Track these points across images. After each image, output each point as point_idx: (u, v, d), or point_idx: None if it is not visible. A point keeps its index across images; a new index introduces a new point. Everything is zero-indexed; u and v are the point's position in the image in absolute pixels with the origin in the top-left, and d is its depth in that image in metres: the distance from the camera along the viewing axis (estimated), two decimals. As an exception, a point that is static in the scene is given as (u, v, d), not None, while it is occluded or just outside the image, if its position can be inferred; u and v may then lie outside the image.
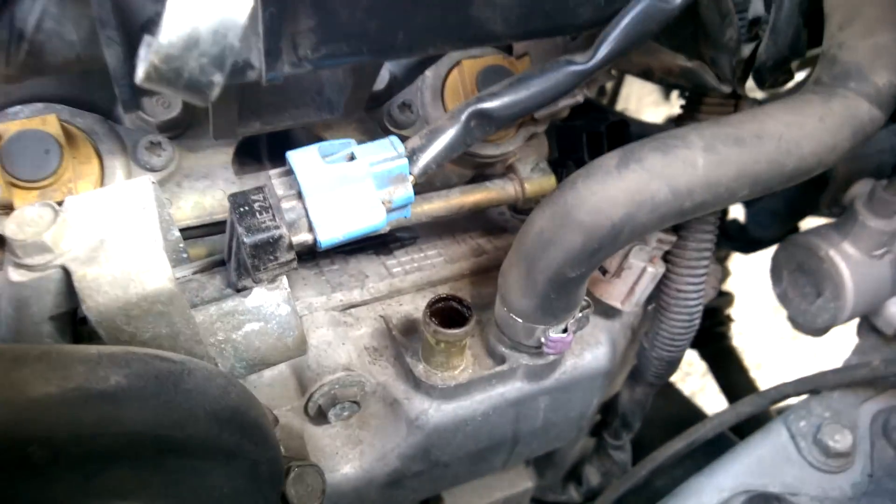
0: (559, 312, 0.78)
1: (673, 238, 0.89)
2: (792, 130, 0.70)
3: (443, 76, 0.84)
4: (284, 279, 0.66)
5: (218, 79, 0.43)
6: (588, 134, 1.00)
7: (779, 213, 1.45)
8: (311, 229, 0.61)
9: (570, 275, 0.72)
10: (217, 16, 0.42)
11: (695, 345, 2.02)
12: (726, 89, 0.80)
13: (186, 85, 0.43)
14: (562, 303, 0.77)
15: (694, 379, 2.96)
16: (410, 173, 0.66)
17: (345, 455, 0.84)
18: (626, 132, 1.01)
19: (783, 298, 1.12)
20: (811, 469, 1.03)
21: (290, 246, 0.62)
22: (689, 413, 1.74)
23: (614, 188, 0.68)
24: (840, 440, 1.02)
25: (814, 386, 1.09)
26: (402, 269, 0.94)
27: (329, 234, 0.61)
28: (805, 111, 0.72)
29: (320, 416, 0.81)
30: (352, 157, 0.63)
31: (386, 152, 0.63)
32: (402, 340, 0.83)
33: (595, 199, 0.68)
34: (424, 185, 0.89)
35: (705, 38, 0.77)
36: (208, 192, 0.81)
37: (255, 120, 0.77)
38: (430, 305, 0.78)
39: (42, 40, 0.52)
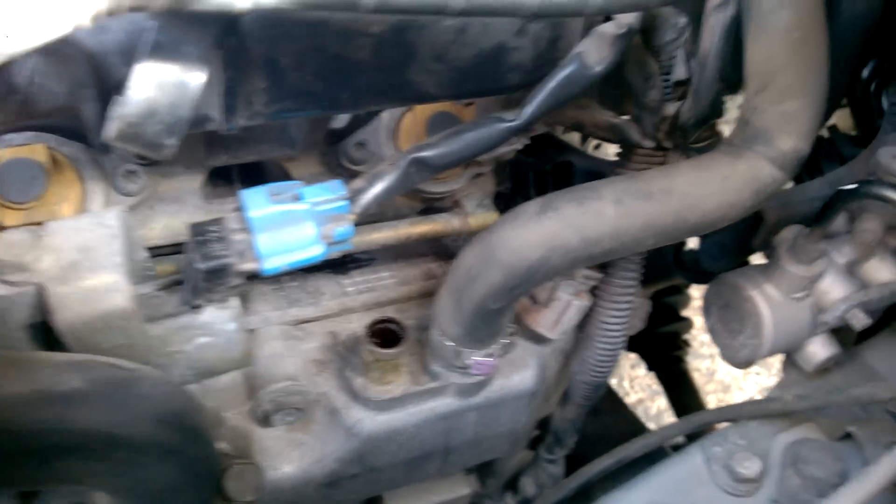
0: (485, 338, 0.87)
1: (599, 275, 0.98)
2: (697, 188, 0.79)
3: (397, 118, 0.93)
4: (235, 299, 0.75)
5: (172, 142, 0.52)
6: (535, 172, 1.09)
7: (728, 247, 1.54)
8: (256, 259, 0.70)
9: (492, 307, 0.81)
10: (173, 92, 0.51)
11: (653, 367, 2.12)
12: (649, 144, 0.89)
13: (144, 145, 0.52)
14: (486, 330, 0.86)
15: (663, 399, 3.06)
16: (352, 212, 0.75)
17: (287, 456, 0.93)
18: (571, 171, 1.10)
19: (712, 332, 1.21)
20: (720, 492, 1.12)
21: (238, 273, 0.71)
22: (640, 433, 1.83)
23: (532, 233, 0.77)
24: (749, 467, 1.10)
25: (733, 415, 1.18)
26: (356, 288, 1.03)
27: (272, 264, 0.70)
28: (711, 170, 0.80)
29: (266, 420, 0.90)
30: (298, 197, 0.71)
31: (328, 194, 0.72)
32: (344, 355, 0.92)
33: (515, 242, 0.77)
34: (377, 215, 0.98)
35: (630, 97, 0.86)
36: (177, 215, 0.89)
37: (222, 153, 0.86)
38: (370, 326, 0.87)
39: (33, 93, 0.61)
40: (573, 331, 1.08)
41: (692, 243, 1.68)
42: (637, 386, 3.10)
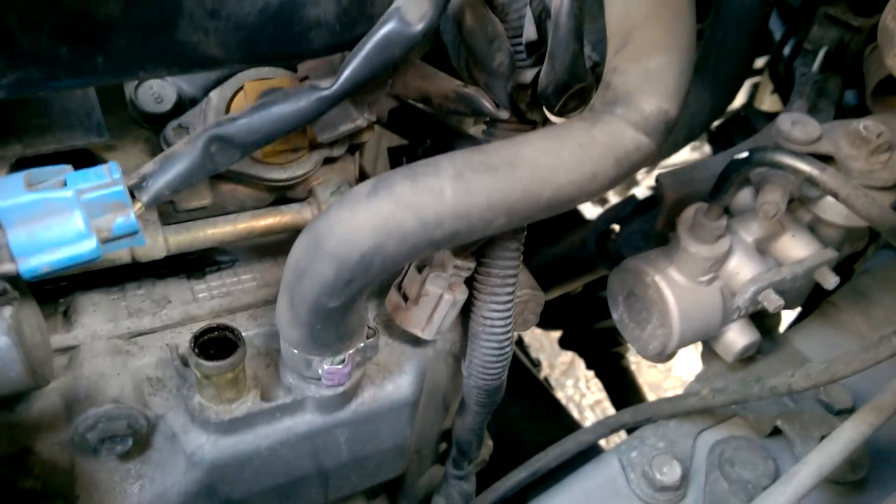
0: (332, 343, 0.76)
1: (471, 265, 0.87)
2: (548, 158, 0.69)
3: (227, 98, 0.82)
4: (7, 310, 0.64)
5: None
6: (408, 157, 0.99)
7: (651, 234, 1.45)
8: (12, 259, 0.59)
9: (329, 305, 0.71)
10: None
11: (591, 366, 2.02)
12: (504, 115, 0.79)
13: None
14: (331, 333, 0.75)
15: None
16: (138, 200, 0.64)
17: (122, 491, 0.81)
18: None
19: (621, 324, 1.11)
20: (639, 502, 1.02)
21: (-5, 277, 0.60)
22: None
23: (362, 217, 0.66)
24: (668, 472, 1.00)
25: (649, 415, 1.08)
26: (209, 294, 0.92)
27: (30, 263, 0.59)
28: (565, 138, 0.71)
29: (93, 451, 0.78)
30: (64, 184, 0.60)
31: (101, 179, 0.61)
32: (182, 371, 0.81)
33: (344, 228, 0.67)
34: (214, 208, 0.87)
35: (475, 63, 0.76)
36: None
37: (14, 143, 0.75)
38: (198, 336, 0.75)
39: None
40: (458, 330, 0.97)
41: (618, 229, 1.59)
42: (594, 387, 2.98)
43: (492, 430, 1.80)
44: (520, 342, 2.31)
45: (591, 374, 3.03)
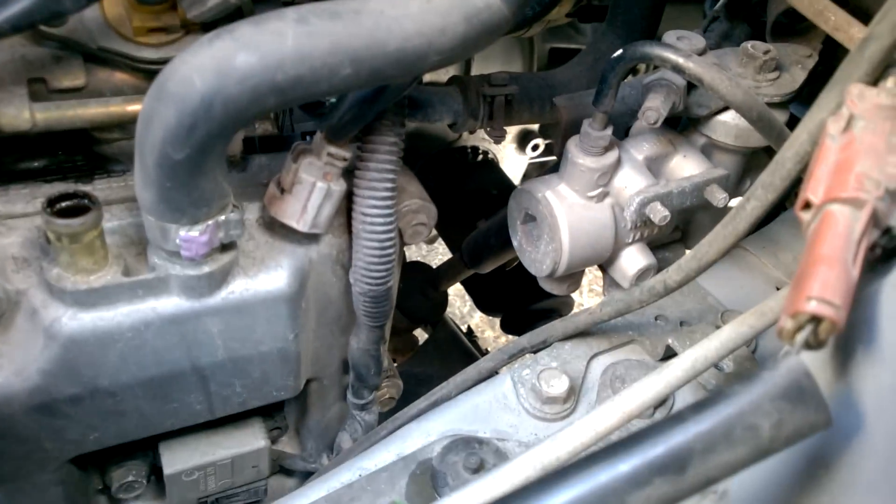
0: (186, 207, 0.76)
1: (346, 154, 0.88)
2: (395, 9, 0.71)
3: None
4: None
5: None
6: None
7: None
8: None
9: (175, 156, 0.71)
10: None
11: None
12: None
13: None
14: (182, 194, 0.75)
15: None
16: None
17: (-21, 369, 0.80)
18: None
19: (520, 250, 1.11)
20: (527, 416, 1.00)
21: None
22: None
23: (202, 57, 0.68)
24: (555, 385, 0.99)
25: (545, 337, 1.07)
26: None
27: None
28: None
29: (-55, 323, 0.78)
30: None
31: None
32: (46, 247, 0.81)
33: (184, 69, 0.68)
34: (90, 93, 0.88)
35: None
36: None
37: None
38: (52, 199, 0.76)
39: None
40: (345, 238, 0.97)
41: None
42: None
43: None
44: (469, 333, 2.29)
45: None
